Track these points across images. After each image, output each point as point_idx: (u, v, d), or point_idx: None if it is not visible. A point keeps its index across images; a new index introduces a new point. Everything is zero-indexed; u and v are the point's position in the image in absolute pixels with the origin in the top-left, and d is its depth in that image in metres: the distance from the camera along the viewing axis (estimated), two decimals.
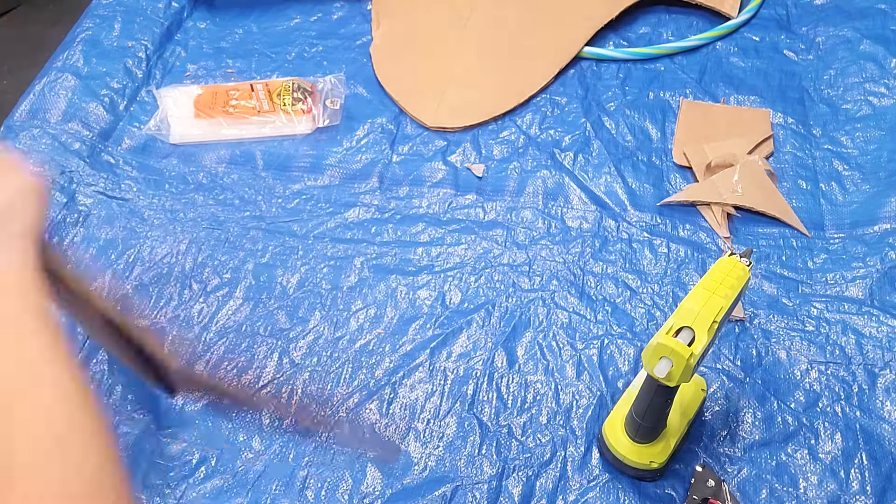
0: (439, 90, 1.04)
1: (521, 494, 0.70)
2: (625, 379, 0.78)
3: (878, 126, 0.98)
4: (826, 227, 0.89)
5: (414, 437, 0.74)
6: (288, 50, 1.12)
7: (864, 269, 0.84)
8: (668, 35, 1.12)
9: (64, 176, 0.95)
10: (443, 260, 0.88)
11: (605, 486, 0.70)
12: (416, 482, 0.71)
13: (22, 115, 1.02)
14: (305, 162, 0.98)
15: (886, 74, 1.03)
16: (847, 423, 0.73)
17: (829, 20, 1.11)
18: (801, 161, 0.96)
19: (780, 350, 0.79)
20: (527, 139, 1.00)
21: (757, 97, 1.03)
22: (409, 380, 0.78)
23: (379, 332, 0.81)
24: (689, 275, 0.85)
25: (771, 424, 0.74)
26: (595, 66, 1.08)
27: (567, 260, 0.87)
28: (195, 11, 1.17)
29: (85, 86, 1.04)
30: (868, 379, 0.76)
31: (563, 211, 0.92)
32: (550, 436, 0.74)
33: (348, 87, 1.06)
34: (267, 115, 1.00)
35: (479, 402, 0.76)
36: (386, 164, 0.98)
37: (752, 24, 1.13)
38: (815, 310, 0.82)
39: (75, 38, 1.11)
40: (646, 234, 0.89)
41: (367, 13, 1.16)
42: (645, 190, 0.94)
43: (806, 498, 0.69)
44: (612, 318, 0.82)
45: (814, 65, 1.07)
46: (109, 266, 0.87)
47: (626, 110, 1.02)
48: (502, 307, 0.83)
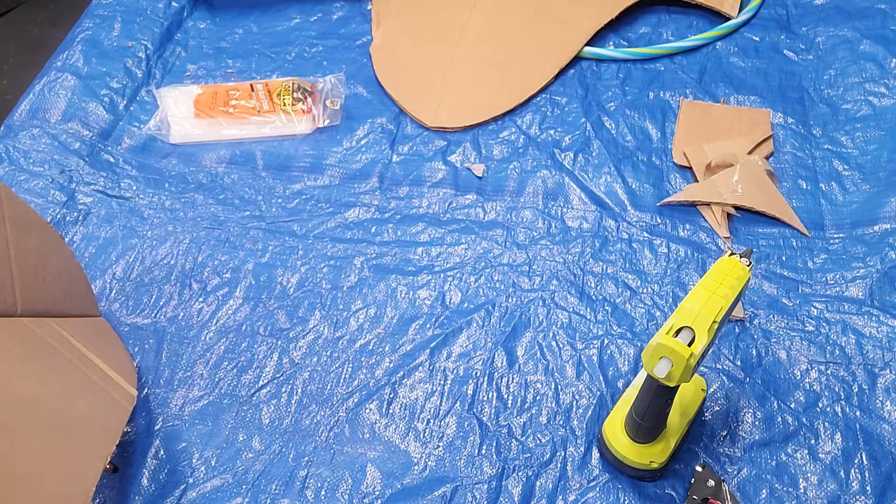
0: (439, 90, 1.04)
1: (521, 494, 0.70)
2: (625, 379, 0.78)
3: (878, 126, 0.98)
4: (826, 227, 0.89)
5: (414, 437, 0.74)
6: (288, 50, 1.12)
7: (864, 269, 0.84)
8: (668, 35, 1.12)
9: (64, 175, 0.95)
10: (443, 260, 0.88)
11: (605, 486, 0.70)
12: (416, 482, 0.71)
13: (22, 114, 1.02)
14: (305, 162, 0.98)
15: (886, 74, 1.03)
16: (847, 423, 0.73)
17: (829, 20, 1.11)
18: (801, 161, 0.96)
19: (780, 350, 0.79)
20: (527, 139, 1.00)
21: (757, 97, 1.03)
22: (409, 380, 0.78)
23: (379, 332, 0.81)
24: (689, 275, 0.85)
25: (771, 424, 0.74)
26: (595, 66, 1.08)
27: (567, 260, 0.87)
28: (195, 11, 1.17)
29: (85, 86, 1.04)
30: (868, 379, 0.76)
31: (563, 211, 0.92)
32: (550, 436, 0.74)
33: (348, 87, 1.06)
34: (267, 115, 1.00)
35: (479, 402, 0.76)
36: (386, 164, 0.97)
37: (752, 24, 1.13)
38: (815, 310, 0.82)
39: (75, 38, 1.11)
40: (646, 234, 0.89)
41: (367, 13, 1.16)
42: (645, 190, 0.94)
43: (806, 498, 0.69)
44: (612, 318, 0.82)
45: (814, 65, 1.07)
46: (109, 265, 0.87)
47: (626, 110, 1.02)
48: (502, 307, 0.83)
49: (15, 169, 0.96)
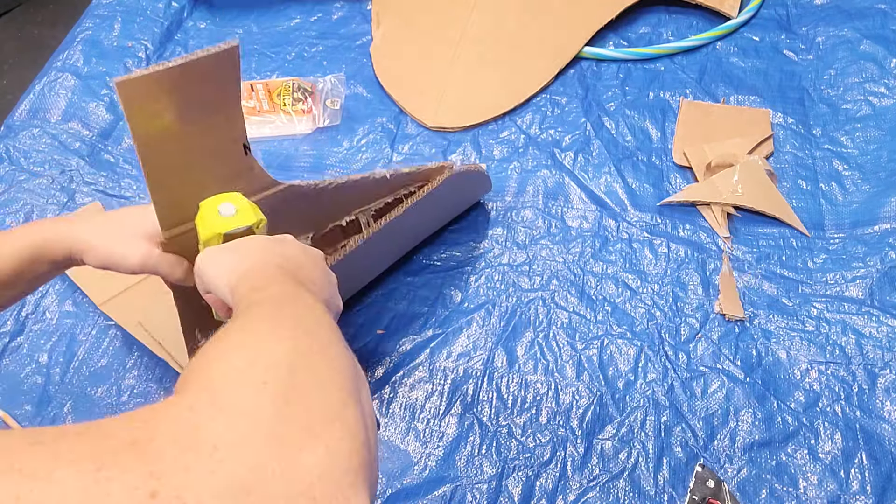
0: (439, 90, 1.04)
1: (521, 494, 0.70)
2: (625, 379, 0.78)
3: (878, 126, 0.98)
4: (826, 227, 0.89)
5: (414, 437, 0.74)
6: (288, 50, 1.12)
7: (864, 269, 0.84)
8: (668, 35, 1.12)
9: (64, 175, 0.95)
10: (443, 259, 0.88)
11: (605, 486, 0.70)
12: (416, 482, 0.71)
13: (22, 114, 1.02)
14: (306, 162, 0.98)
15: (886, 74, 1.03)
16: (847, 423, 0.73)
17: (829, 20, 1.11)
18: (801, 161, 0.96)
19: (780, 350, 0.79)
20: (527, 139, 1.00)
21: (757, 97, 1.03)
22: (409, 379, 0.78)
23: (379, 332, 0.81)
24: (689, 275, 0.85)
25: (771, 424, 0.74)
26: (595, 66, 1.08)
27: (567, 260, 0.87)
28: (195, 11, 1.17)
29: (85, 85, 1.04)
30: (868, 379, 0.76)
31: (563, 211, 0.92)
32: (550, 436, 0.74)
33: (348, 87, 1.06)
34: (267, 115, 1.00)
35: (478, 402, 0.76)
36: (386, 163, 0.97)
37: (752, 24, 1.13)
38: (815, 310, 0.82)
39: (75, 38, 1.11)
40: (646, 234, 0.89)
41: (367, 13, 1.16)
42: (645, 190, 0.94)
43: (806, 498, 0.69)
44: (611, 318, 0.82)
45: (814, 65, 1.07)
46: None
47: (626, 110, 1.02)
48: (502, 307, 0.83)
49: (15, 169, 0.96)
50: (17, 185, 0.94)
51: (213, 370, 0.30)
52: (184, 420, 0.26)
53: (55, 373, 0.79)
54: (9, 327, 0.82)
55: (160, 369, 0.79)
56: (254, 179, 0.62)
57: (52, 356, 0.80)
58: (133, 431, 0.25)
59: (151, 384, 0.78)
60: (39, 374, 0.79)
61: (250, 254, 0.48)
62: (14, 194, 0.93)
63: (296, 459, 0.26)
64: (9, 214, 0.91)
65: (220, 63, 0.50)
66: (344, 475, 0.27)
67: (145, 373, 0.79)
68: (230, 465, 0.25)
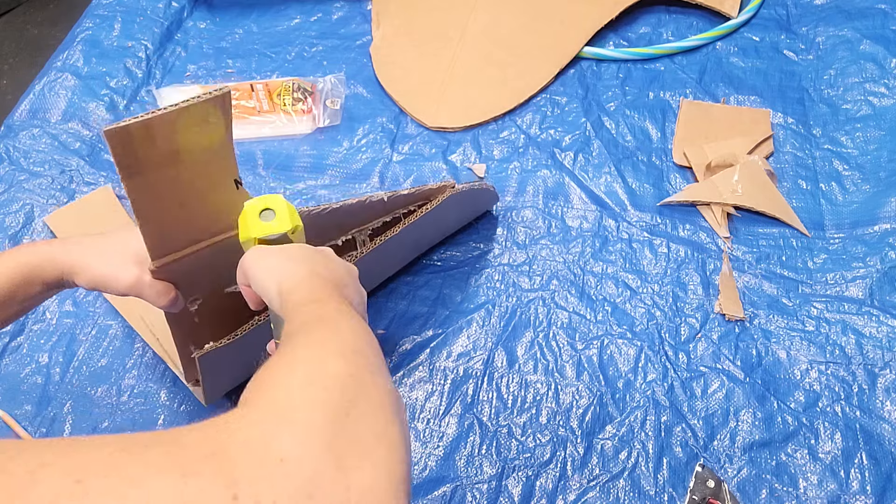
0: (439, 90, 1.04)
1: (521, 494, 0.70)
2: (625, 379, 0.78)
3: (878, 126, 0.98)
4: (826, 227, 0.89)
5: (414, 437, 0.74)
6: (288, 50, 1.12)
7: (864, 269, 0.84)
8: (668, 35, 1.12)
9: (64, 175, 0.95)
10: (443, 259, 0.88)
11: (605, 486, 0.70)
12: (416, 482, 0.71)
13: (22, 114, 1.02)
14: (306, 162, 0.98)
15: (886, 74, 1.03)
16: (847, 423, 0.73)
17: (829, 20, 1.11)
18: (801, 161, 0.96)
19: (780, 350, 0.79)
20: (527, 139, 1.00)
21: (757, 97, 1.03)
22: (409, 379, 0.78)
23: (380, 332, 0.81)
24: (689, 275, 0.85)
25: (771, 424, 0.74)
26: (595, 66, 1.08)
27: (567, 260, 0.87)
28: (195, 11, 1.17)
29: (85, 86, 1.04)
30: (868, 379, 0.76)
31: (563, 210, 0.92)
32: (550, 436, 0.74)
33: (348, 87, 1.06)
34: (267, 115, 1.00)
35: (478, 402, 0.76)
36: (386, 163, 0.97)
37: (752, 24, 1.13)
38: (815, 310, 0.82)
39: (75, 38, 1.11)
40: (646, 234, 0.89)
41: (367, 13, 1.16)
42: (645, 190, 0.94)
43: (806, 498, 0.69)
44: (612, 318, 0.82)
45: (814, 65, 1.07)
46: None
47: (626, 110, 1.02)
48: (502, 307, 0.83)
49: (15, 169, 0.96)
50: (17, 185, 0.94)
51: (279, 387, 0.34)
52: (255, 434, 0.30)
53: (55, 373, 0.79)
54: (9, 327, 0.82)
55: (160, 369, 0.79)
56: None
57: (52, 356, 0.80)
58: (209, 443, 0.29)
59: (151, 384, 0.78)
60: (39, 374, 0.79)
61: (301, 264, 0.49)
62: (14, 194, 0.93)
63: (348, 472, 0.30)
64: (9, 214, 0.91)
65: (212, 109, 0.50)
66: (388, 487, 0.31)
67: (145, 373, 0.79)
68: (295, 475, 0.29)
